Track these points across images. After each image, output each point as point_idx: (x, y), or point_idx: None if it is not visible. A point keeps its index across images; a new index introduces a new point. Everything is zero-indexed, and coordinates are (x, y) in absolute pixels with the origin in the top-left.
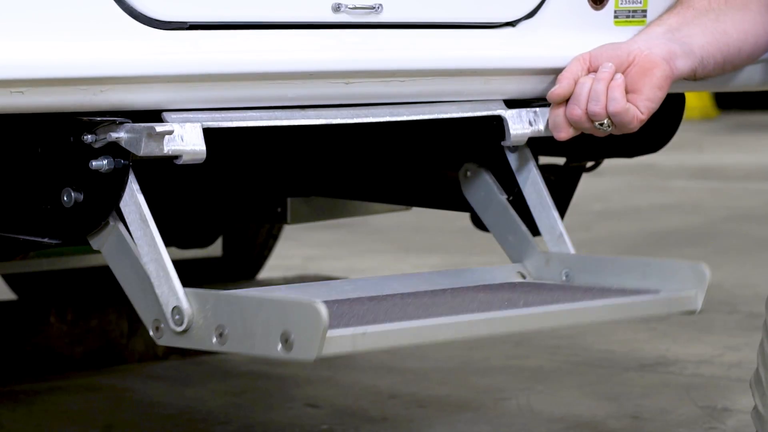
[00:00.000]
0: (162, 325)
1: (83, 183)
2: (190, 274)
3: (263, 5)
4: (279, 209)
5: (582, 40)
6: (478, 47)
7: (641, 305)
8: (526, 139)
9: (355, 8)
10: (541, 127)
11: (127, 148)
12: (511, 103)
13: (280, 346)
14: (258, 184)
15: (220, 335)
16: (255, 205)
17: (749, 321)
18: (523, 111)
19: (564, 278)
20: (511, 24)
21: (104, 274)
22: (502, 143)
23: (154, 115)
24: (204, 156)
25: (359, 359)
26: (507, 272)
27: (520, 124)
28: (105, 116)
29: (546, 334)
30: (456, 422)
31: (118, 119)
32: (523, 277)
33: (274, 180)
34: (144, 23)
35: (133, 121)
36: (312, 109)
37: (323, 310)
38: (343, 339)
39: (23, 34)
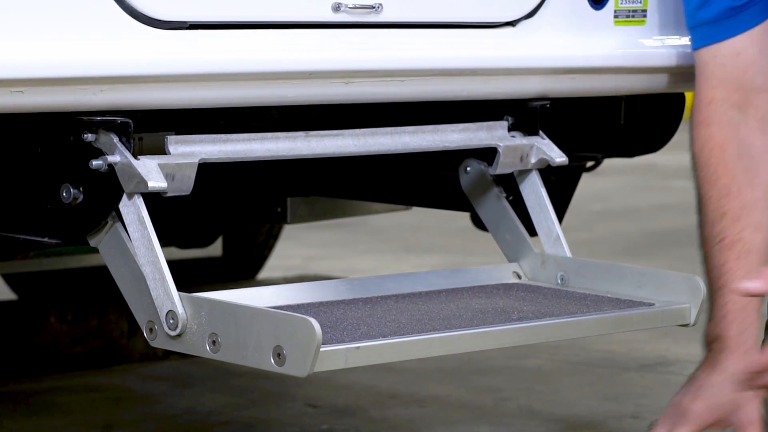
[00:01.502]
0: (156, 328)
1: (83, 182)
2: (190, 274)
3: (263, 5)
4: (279, 209)
5: (582, 40)
6: (478, 47)
7: (635, 319)
8: (510, 171)
9: (355, 8)
10: (533, 161)
11: (118, 175)
12: (515, 110)
13: (272, 359)
14: (258, 183)
15: (213, 343)
16: (255, 205)
17: None
18: (519, 144)
19: (559, 281)
20: (511, 24)
21: (104, 274)
22: (488, 170)
23: (155, 115)
24: (190, 191)
25: None
26: (503, 272)
27: (511, 159)
28: (105, 116)
29: None
30: (456, 422)
31: (119, 119)
32: (519, 277)
33: (274, 180)
34: (144, 23)
35: (134, 121)
36: (315, 137)
37: (317, 328)
38: (336, 355)
39: (23, 34)
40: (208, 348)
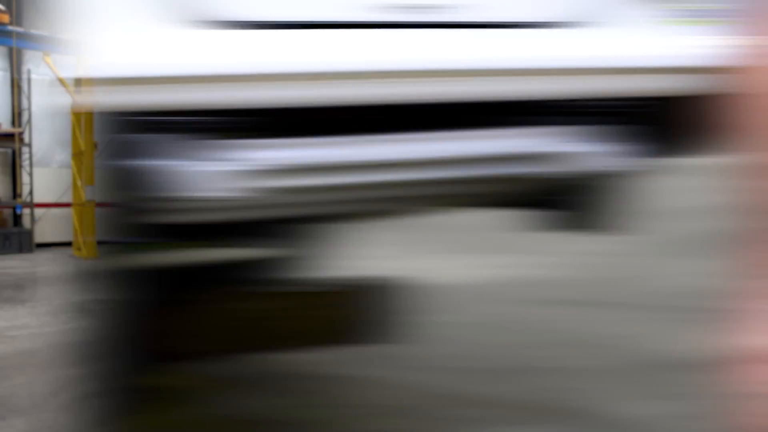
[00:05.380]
0: None
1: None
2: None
3: (312, 5)
4: None
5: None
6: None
7: None
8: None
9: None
10: (582, 166)
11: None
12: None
13: None
14: None
15: None
16: None
17: None
18: (570, 152)
19: None
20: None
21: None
22: None
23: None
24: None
25: None
26: None
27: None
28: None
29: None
30: (464, 422)
31: (176, 119)
32: None
33: None
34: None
35: (192, 122)
36: (374, 142)
37: None
38: None
39: None
40: None
